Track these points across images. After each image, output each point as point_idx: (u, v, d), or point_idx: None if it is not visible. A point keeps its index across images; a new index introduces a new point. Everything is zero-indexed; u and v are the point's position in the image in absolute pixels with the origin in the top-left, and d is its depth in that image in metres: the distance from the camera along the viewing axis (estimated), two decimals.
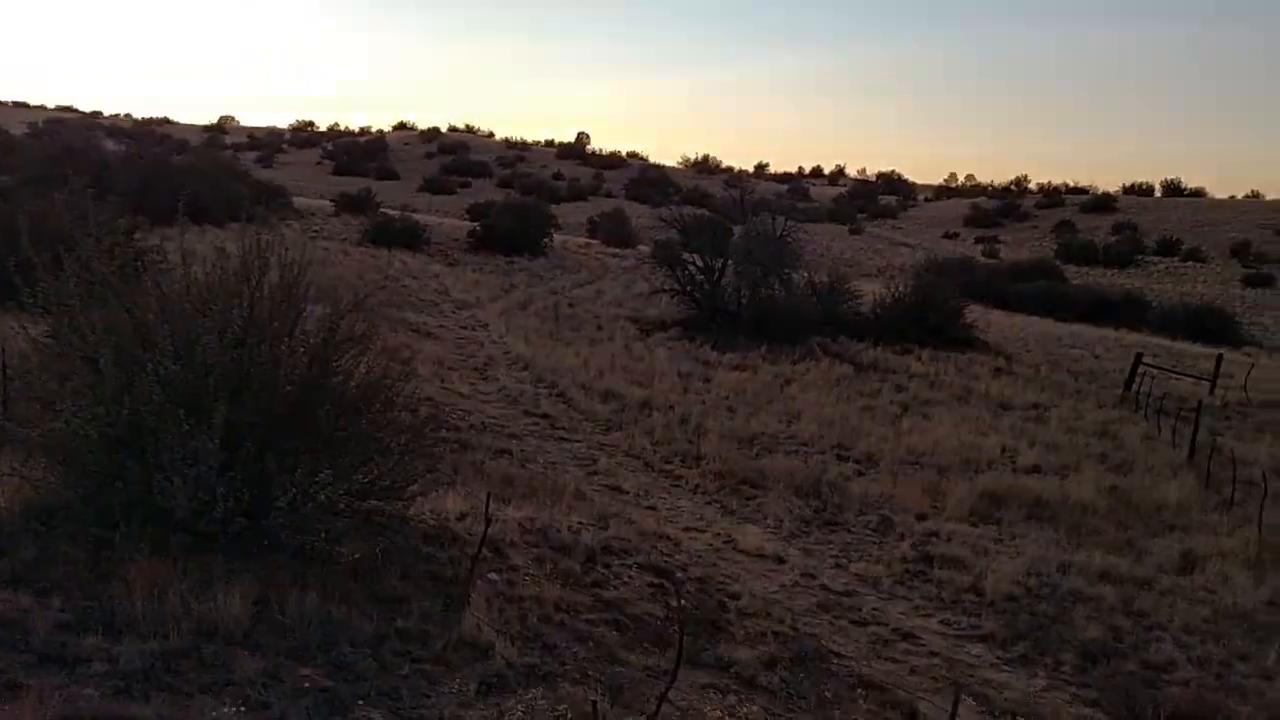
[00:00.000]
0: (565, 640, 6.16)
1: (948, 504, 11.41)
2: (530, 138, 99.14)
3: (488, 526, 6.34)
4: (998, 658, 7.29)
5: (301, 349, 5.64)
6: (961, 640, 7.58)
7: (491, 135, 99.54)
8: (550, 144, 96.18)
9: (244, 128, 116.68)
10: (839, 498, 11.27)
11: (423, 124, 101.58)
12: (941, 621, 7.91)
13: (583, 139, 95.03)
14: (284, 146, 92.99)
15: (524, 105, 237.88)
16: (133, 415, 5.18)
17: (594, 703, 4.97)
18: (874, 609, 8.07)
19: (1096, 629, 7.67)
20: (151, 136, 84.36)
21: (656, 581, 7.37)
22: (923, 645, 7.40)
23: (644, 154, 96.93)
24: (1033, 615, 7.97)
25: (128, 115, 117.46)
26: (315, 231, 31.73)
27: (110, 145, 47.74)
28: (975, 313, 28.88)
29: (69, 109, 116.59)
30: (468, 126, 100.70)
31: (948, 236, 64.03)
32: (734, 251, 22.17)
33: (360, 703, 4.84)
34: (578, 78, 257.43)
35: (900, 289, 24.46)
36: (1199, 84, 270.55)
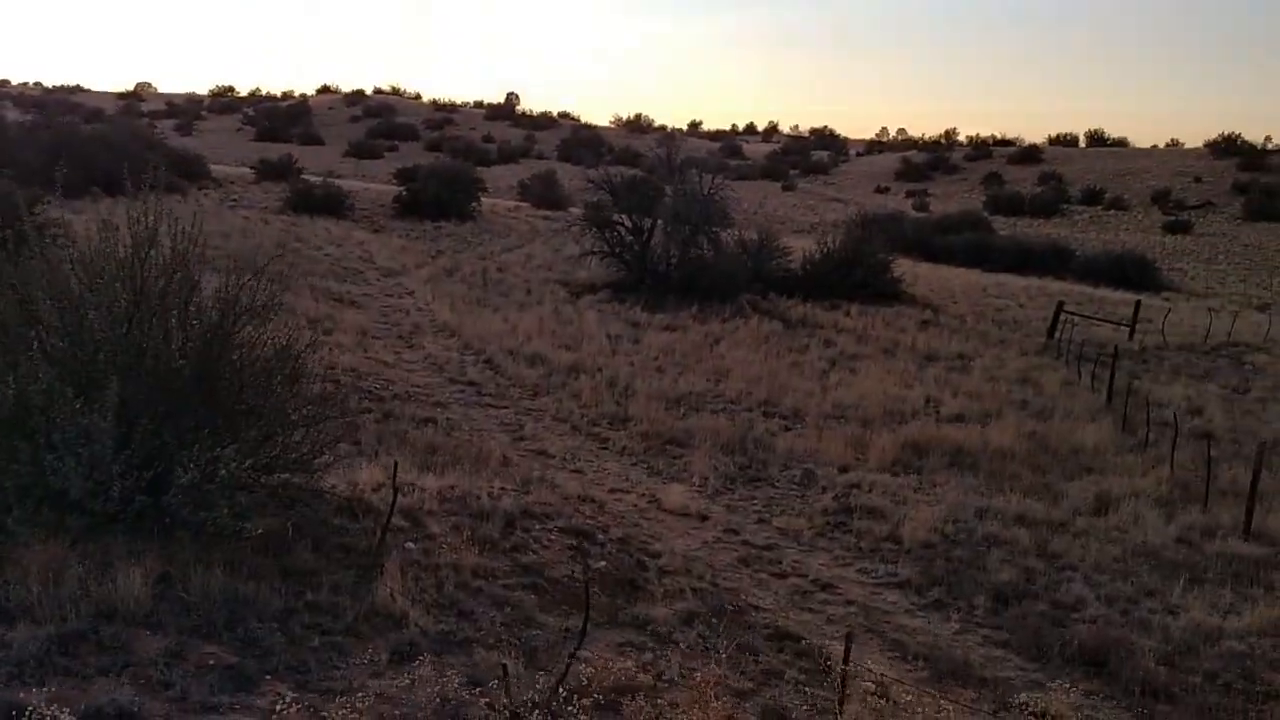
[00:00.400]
0: (482, 606, 6.16)
1: (870, 456, 11.59)
2: (459, 99, 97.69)
3: (395, 496, 6.29)
4: (913, 603, 7.46)
5: (195, 322, 5.47)
6: (879, 588, 7.74)
7: (419, 97, 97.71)
8: (479, 105, 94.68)
9: (161, 94, 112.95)
10: (764, 454, 11.38)
11: (347, 87, 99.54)
12: (859, 571, 8.06)
13: (513, 99, 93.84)
14: (203, 113, 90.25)
15: (455, 66, 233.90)
16: (19, 395, 5.01)
17: (504, 665, 4.98)
18: (794, 561, 8.20)
19: (1010, 572, 7.88)
20: (63, 105, 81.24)
21: (576, 544, 7.39)
22: (840, 595, 7.55)
23: (575, 115, 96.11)
24: (948, 561, 8.15)
25: (37, 84, 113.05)
26: (234, 200, 30.95)
27: (13, 115, 45.70)
28: (903, 266, 29.26)
29: None
30: (393, 89, 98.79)
31: (879, 191, 64.58)
32: (662, 211, 22.09)
33: (268, 677, 4.79)
34: (510, 36, 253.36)
35: (828, 245, 24.60)
36: (1124, 35, 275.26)
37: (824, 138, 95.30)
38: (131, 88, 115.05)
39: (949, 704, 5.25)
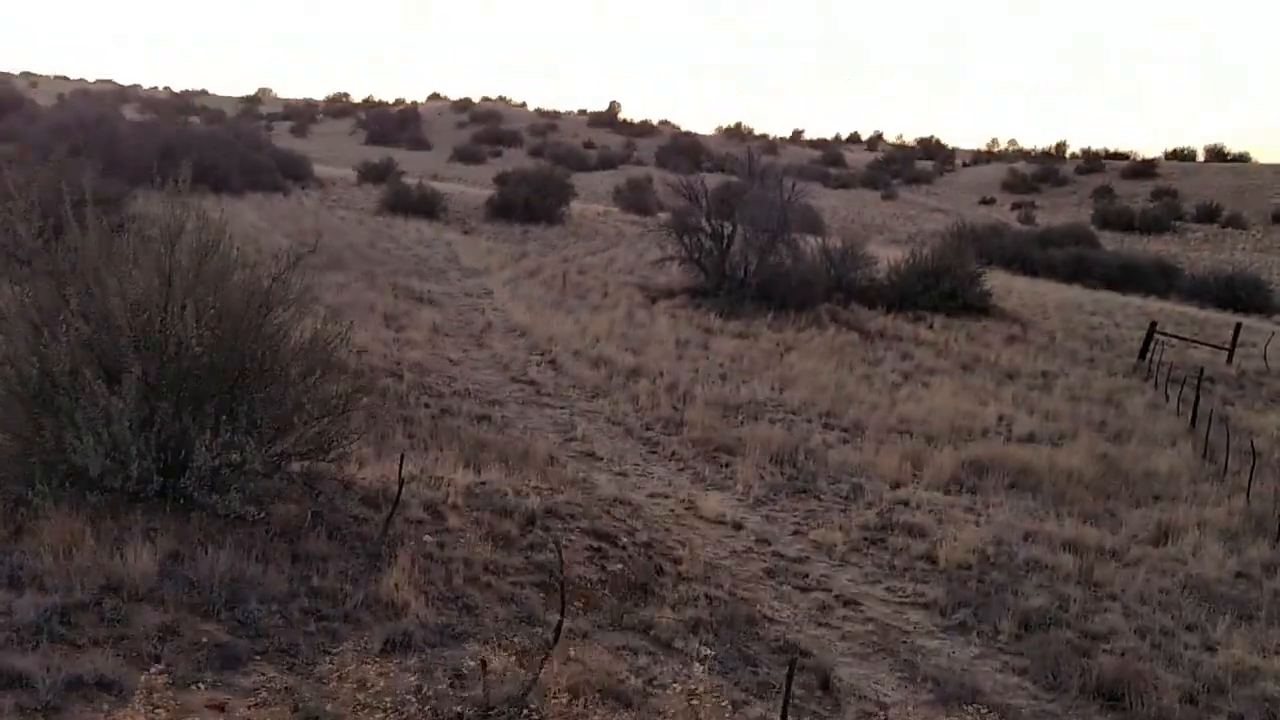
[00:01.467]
0: (488, 601, 6.22)
1: (926, 473, 11.31)
2: (563, 108, 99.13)
3: (401, 488, 6.42)
4: (935, 625, 7.25)
5: (213, 311, 5.67)
6: (903, 607, 7.54)
7: (524, 105, 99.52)
8: (583, 113, 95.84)
9: (280, 99, 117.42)
10: (814, 465, 11.21)
11: (455, 94, 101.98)
12: (887, 589, 7.87)
13: (615, 107, 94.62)
14: (318, 117, 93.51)
15: (561, 77, 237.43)
16: (45, 374, 5.28)
17: (483, 660, 5.03)
18: (822, 575, 8.05)
19: (1043, 598, 7.59)
20: (186, 108, 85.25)
21: (596, 545, 7.39)
22: (861, 612, 7.38)
23: (676, 122, 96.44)
24: (981, 583, 7.90)
25: (166, 88, 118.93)
26: (335, 200, 32.00)
27: (132, 116, 48.05)
28: (997, 279, 28.51)
29: (107, 82, 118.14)
30: (500, 97, 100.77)
31: (984, 202, 63.00)
32: (741, 217, 21.98)
33: (256, 657, 4.93)
34: (611, 48, 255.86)
35: (915, 255, 24.12)
36: (1247, 46, 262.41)
37: (930, 147, 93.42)
38: (253, 92, 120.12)
39: None
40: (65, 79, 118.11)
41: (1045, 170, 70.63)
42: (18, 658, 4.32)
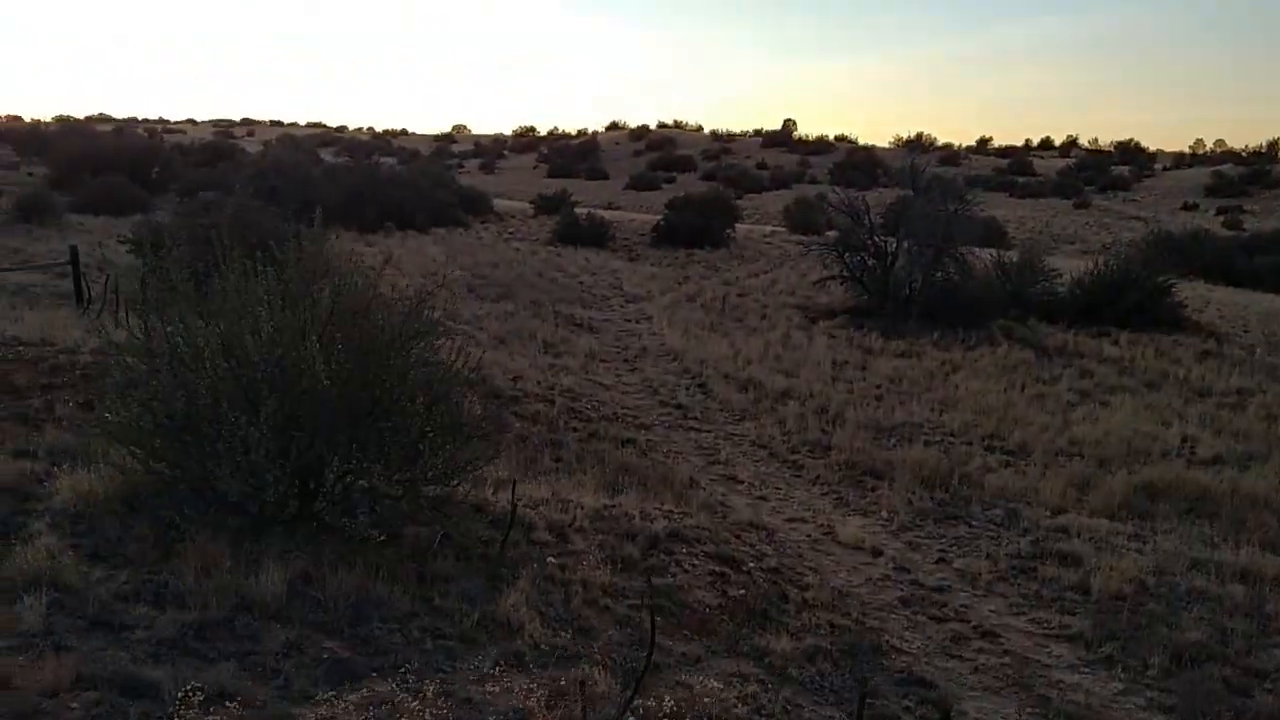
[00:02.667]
0: (603, 624, 6.31)
1: (1094, 498, 10.67)
2: (738, 129, 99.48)
3: (514, 510, 6.60)
4: (1079, 658, 6.82)
5: (340, 347, 6.02)
6: (1046, 640, 7.14)
7: (700, 129, 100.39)
8: (757, 133, 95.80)
9: (472, 136, 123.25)
10: (969, 490, 10.77)
11: (634, 122, 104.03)
12: (1031, 620, 7.47)
13: (789, 126, 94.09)
14: (505, 152, 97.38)
15: (739, 98, 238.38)
16: (188, 407, 5.77)
17: (581, 683, 5.11)
18: (961, 606, 7.73)
19: (1203, 631, 7.02)
20: (383, 148, 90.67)
21: (720, 570, 7.38)
22: (1000, 644, 7.04)
23: (852, 136, 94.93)
24: (1135, 615, 7.38)
25: (370, 128, 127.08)
26: (510, 233, 33.22)
27: (327, 158, 51.44)
28: (1193, 290, 26.62)
29: (318, 125, 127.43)
30: (675, 122, 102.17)
31: (1186, 208, 58.77)
32: (905, 233, 21.41)
33: (373, 674, 5.18)
34: (788, 64, 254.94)
35: (1098, 266, 22.81)
36: None
37: (1127, 151, 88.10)
38: (448, 130, 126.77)
39: None
40: (280, 124, 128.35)
41: (1255, 172, 65.21)
42: (150, 669, 4.71)
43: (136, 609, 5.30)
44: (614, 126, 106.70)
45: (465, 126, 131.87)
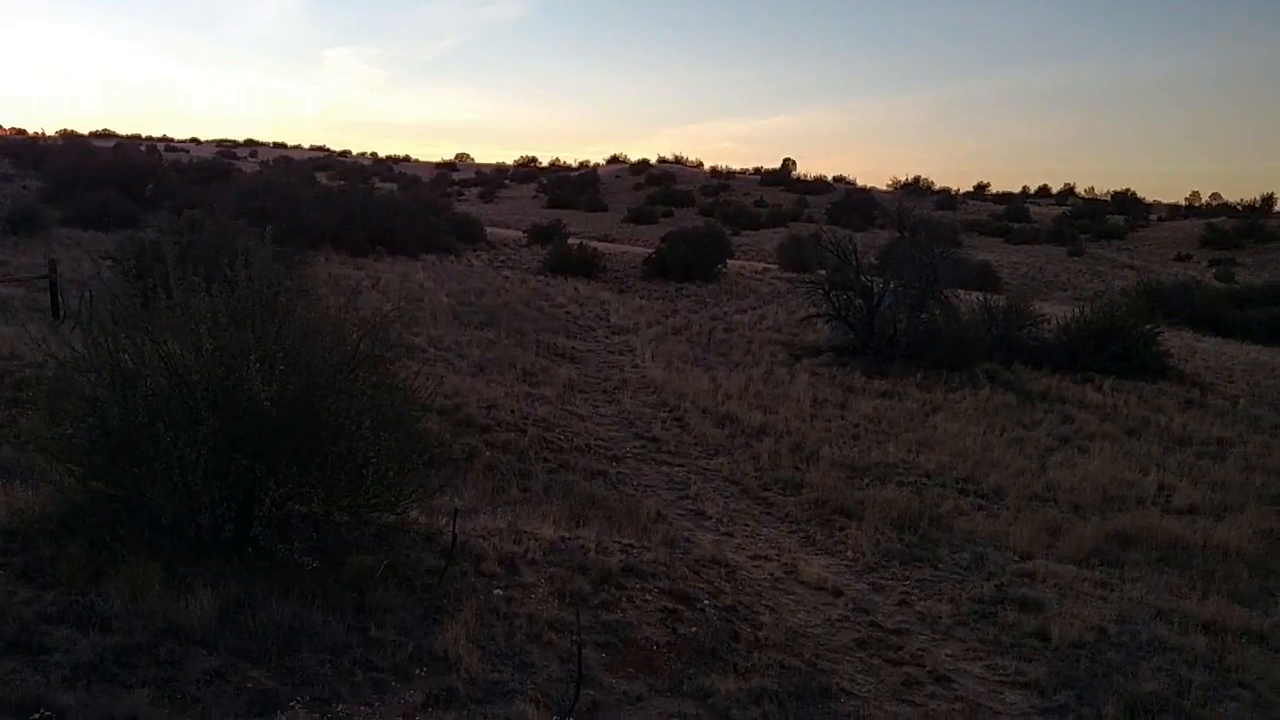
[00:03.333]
0: (545, 659, 6.16)
1: (1065, 544, 10.55)
2: (738, 166, 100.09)
3: (454, 542, 6.47)
4: (1032, 706, 6.68)
5: (282, 369, 5.92)
6: (1001, 686, 6.99)
7: (700, 165, 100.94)
8: (757, 171, 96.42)
9: (474, 164, 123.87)
10: (938, 532, 10.63)
11: (634, 156, 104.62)
12: (987, 666, 7.33)
13: (788, 165, 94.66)
14: (506, 181, 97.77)
15: (737, 136, 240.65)
16: (125, 424, 5.66)
17: None
18: (918, 649, 7.58)
19: (1160, 682, 6.88)
20: (384, 173, 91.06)
21: (672, 607, 7.24)
22: (953, 689, 6.89)
23: (850, 178, 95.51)
24: (1094, 663, 7.24)
25: (373, 154, 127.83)
26: (501, 261, 33.24)
27: (323, 181, 51.53)
28: (1181, 340, 26.68)
29: (320, 149, 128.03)
30: (676, 157, 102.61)
31: (1179, 259, 58.99)
32: (892, 274, 21.42)
33: (294, 705, 5.05)
34: (790, 105, 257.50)
35: (1083, 313, 22.82)
36: None
37: (1123, 201, 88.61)
38: (451, 158, 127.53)
39: None
40: (283, 145, 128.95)
41: (1249, 225, 65.54)
42: (61, 694, 4.58)
43: (59, 631, 5.17)
44: (615, 160, 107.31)
45: (468, 155, 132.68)
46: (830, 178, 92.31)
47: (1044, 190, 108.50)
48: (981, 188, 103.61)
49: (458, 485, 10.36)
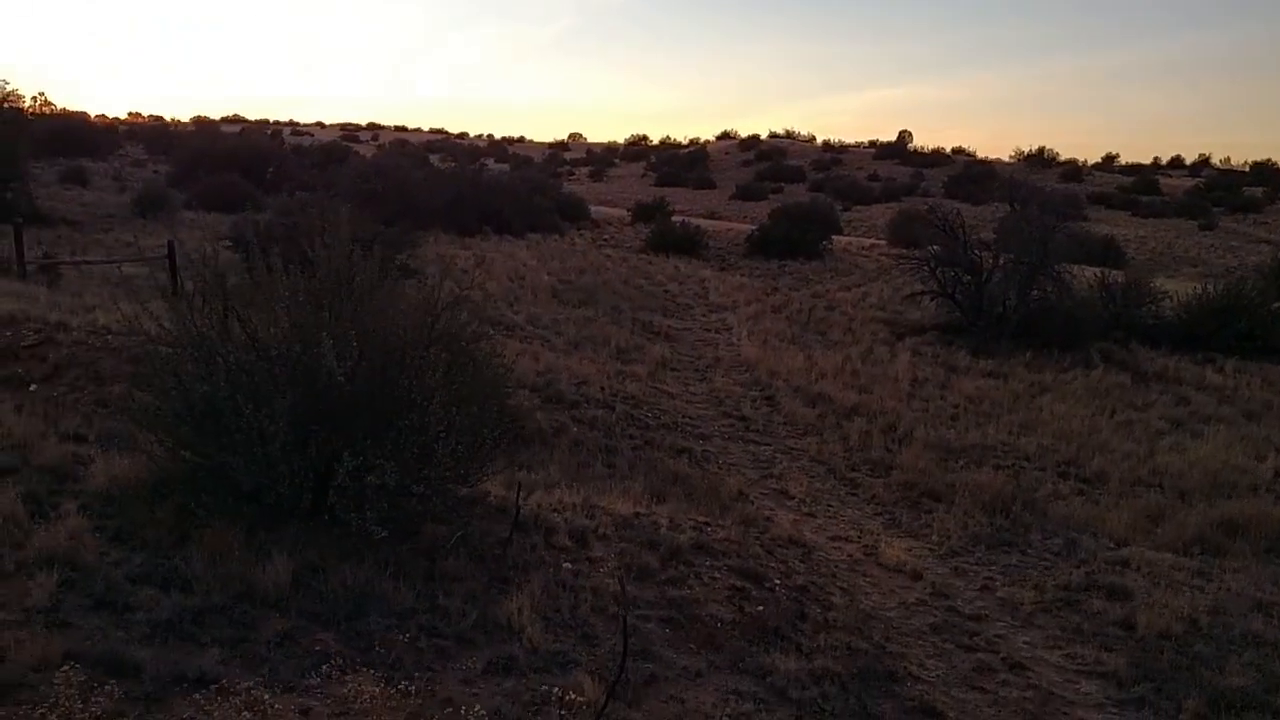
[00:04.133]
0: (608, 632, 6.25)
1: (1164, 530, 10.14)
2: (851, 140, 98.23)
3: (517, 514, 6.59)
4: (1108, 697, 6.46)
5: (356, 346, 6.13)
6: (1078, 676, 6.79)
7: (812, 139, 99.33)
8: (871, 145, 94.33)
9: (586, 144, 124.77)
10: (1031, 517, 10.35)
11: (746, 133, 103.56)
12: (1066, 654, 7.12)
13: (904, 137, 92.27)
14: (616, 160, 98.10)
15: (852, 111, 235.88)
16: (210, 399, 5.97)
17: (555, 690, 5.08)
18: (995, 636, 7.41)
19: (1248, 676, 6.57)
20: (501, 154, 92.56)
21: (740, 585, 7.24)
22: (1027, 678, 6.72)
23: (970, 149, 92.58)
24: (1179, 655, 6.95)
25: (489, 135, 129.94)
26: (605, 240, 33.46)
27: (434, 163, 52.59)
28: None
29: (439, 131, 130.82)
30: (787, 132, 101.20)
31: None
32: (1001, 248, 20.75)
33: (360, 668, 5.26)
34: (908, 78, 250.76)
35: (1205, 290, 21.71)
36: None
37: (1263, 171, 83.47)
38: (565, 138, 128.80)
39: None
40: (404, 129, 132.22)
41: None
42: (138, 649, 4.87)
43: (143, 591, 5.49)
44: (724, 136, 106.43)
45: (581, 134, 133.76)
46: (949, 150, 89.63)
47: (1176, 161, 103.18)
48: (1110, 159, 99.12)
49: (544, 460, 10.57)
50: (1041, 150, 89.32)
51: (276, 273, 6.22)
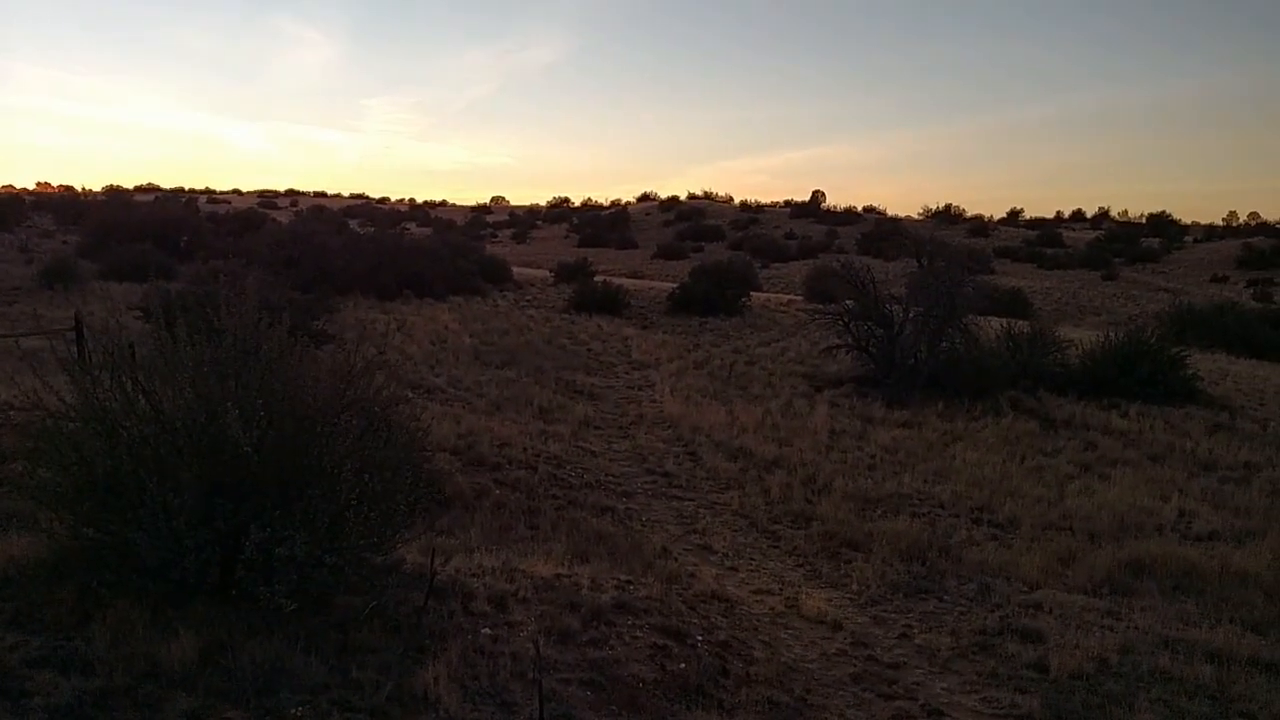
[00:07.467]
0: (527, 698, 6.17)
1: (1076, 573, 10.41)
2: (767, 200, 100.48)
3: (432, 581, 6.52)
4: None
5: (262, 416, 6.05)
6: (994, 719, 6.91)
7: (730, 200, 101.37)
8: (787, 204, 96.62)
9: (508, 206, 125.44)
10: (946, 564, 10.54)
11: (666, 194, 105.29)
12: (982, 699, 7.23)
13: (818, 197, 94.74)
14: (539, 222, 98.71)
15: (768, 171, 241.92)
16: (110, 473, 5.82)
17: None
18: (914, 683, 7.51)
19: (1157, 713, 6.76)
20: (422, 219, 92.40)
21: (662, 643, 7.23)
22: None
23: (881, 208, 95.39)
24: (1091, 695, 7.12)
25: (411, 199, 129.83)
26: (528, 301, 33.51)
27: (354, 227, 52.31)
28: (1213, 363, 26.28)
29: (360, 197, 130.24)
30: (705, 193, 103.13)
31: (1215, 280, 58.19)
32: (910, 302, 21.34)
33: None
34: (821, 138, 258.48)
35: (1108, 338, 22.57)
36: None
37: (1159, 223, 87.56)
38: (487, 201, 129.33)
39: None
40: (323, 195, 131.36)
41: None
42: None
43: (42, 675, 5.27)
44: (645, 197, 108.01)
45: (503, 197, 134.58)
46: (860, 208, 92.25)
47: (1078, 214, 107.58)
48: (1015, 214, 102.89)
49: (465, 524, 10.46)
50: (948, 207, 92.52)
51: (181, 342, 6.12)
